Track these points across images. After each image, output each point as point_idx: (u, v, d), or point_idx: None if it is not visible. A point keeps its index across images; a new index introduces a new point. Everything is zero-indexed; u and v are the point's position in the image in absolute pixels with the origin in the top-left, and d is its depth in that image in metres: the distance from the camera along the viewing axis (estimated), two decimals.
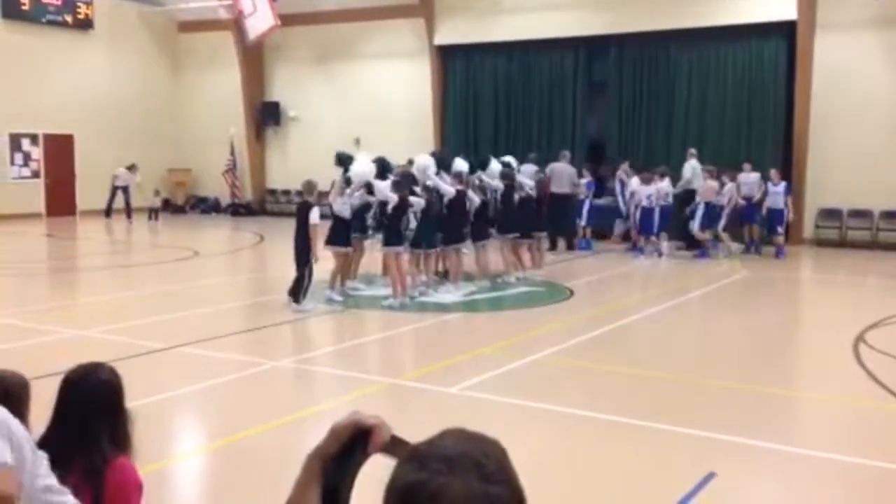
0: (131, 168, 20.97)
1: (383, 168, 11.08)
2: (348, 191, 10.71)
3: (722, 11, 16.97)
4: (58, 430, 2.62)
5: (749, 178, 15.37)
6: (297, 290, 9.74)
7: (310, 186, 10.03)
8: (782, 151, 16.82)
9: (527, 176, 13.18)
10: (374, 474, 1.18)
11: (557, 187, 15.02)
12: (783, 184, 14.99)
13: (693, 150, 16.16)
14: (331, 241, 10.58)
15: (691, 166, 15.79)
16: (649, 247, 15.37)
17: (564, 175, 15.54)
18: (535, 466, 4.99)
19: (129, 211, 20.91)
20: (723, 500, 4.84)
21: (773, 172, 15.13)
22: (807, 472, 5.24)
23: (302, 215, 9.79)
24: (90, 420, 2.60)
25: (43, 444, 2.63)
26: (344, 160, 11.08)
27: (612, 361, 7.87)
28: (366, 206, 11.02)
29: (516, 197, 12.25)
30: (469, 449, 1.03)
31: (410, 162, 11.99)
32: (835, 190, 16.38)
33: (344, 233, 10.57)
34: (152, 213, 20.82)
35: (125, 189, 20.97)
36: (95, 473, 2.53)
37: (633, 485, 5.03)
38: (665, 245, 15.27)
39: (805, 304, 12.29)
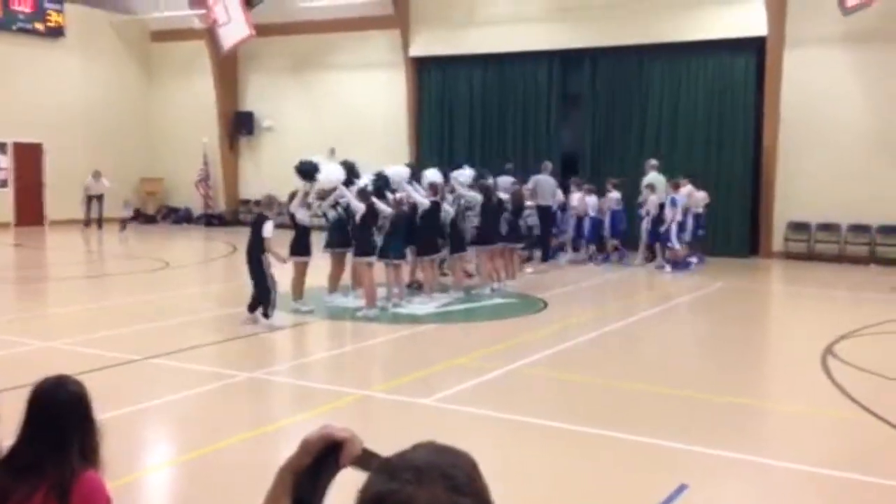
0: (96, 175, 20.66)
1: (350, 173, 11.03)
2: (317, 199, 10.66)
3: (693, 27, 17.20)
4: (25, 443, 2.58)
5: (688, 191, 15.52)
6: (265, 306, 9.54)
7: (270, 201, 9.91)
8: (752, 165, 17.07)
9: (502, 187, 13.22)
10: (346, 487, 1.18)
11: (542, 199, 15.02)
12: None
13: (654, 162, 16.28)
14: (292, 250, 10.52)
15: (653, 178, 16.01)
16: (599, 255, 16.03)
17: (547, 187, 15.56)
18: (507, 477, 4.99)
19: (99, 220, 20.68)
20: None
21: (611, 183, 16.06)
22: (777, 482, 5.29)
23: (256, 228, 9.64)
24: (58, 433, 2.56)
25: (10, 457, 2.59)
26: (306, 171, 10.71)
27: (585, 372, 7.91)
28: (344, 219, 10.96)
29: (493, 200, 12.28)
30: (438, 460, 1.04)
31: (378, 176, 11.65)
32: (803, 203, 16.62)
33: (304, 242, 10.51)
34: (122, 223, 20.56)
35: (99, 198, 20.73)
36: (63, 487, 2.49)
37: (604, 496, 5.05)
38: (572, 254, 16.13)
39: (775, 316, 12.43)
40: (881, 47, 15.93)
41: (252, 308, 9.68)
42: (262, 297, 9.53)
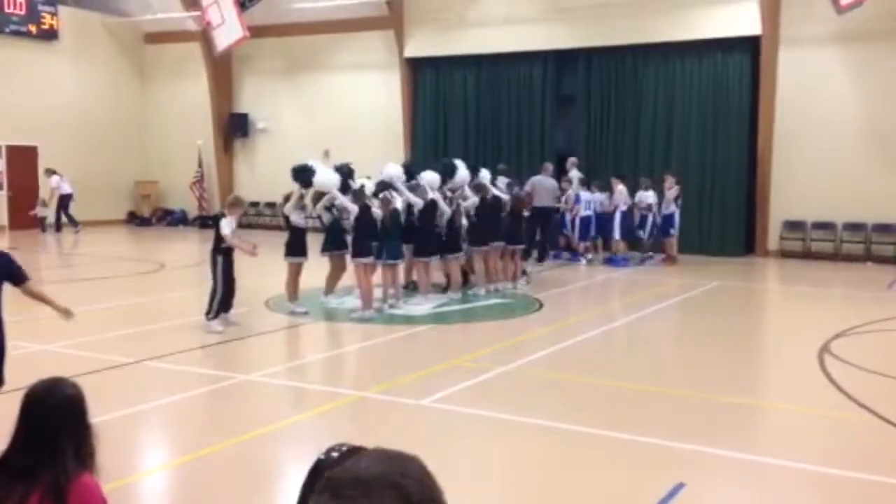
0: (47, 173, 20.37)
1: (346, 175, 11.00)
2: (313, 202, 10.63)
3: (688, 27, 17.21)
4: (20, 446, 2.56)
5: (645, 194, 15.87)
6: (210, 305, 9.32)
7: (234, 201, 9.83)
8: (747, 164, 17.09)
9: (500, 188, 13.18)
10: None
11: (539, 201, 14.98)
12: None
13: (573, 159, 16.69)
14: (287, 252, 10.50)
15: (574, 176, 16.26)
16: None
17: (548, 188, 15.52)
18: (504, 478, 4.99)
19: (69, 218, 20.56)
20: None
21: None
22: (774, 481, 5.29)
23: (216, 227, 9.55)
24: (54, 436, 2.54)
25: (4, 461, 2.58)
26: (301, 174, 10.61)
27: (581, 372, 7.90)
28: (340, 221, 10.93)
29: (487, 197, 12.23)
30: (386, 469, 0.98)
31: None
32: (799, 202, 16.66)
33: (299, 244, 10.48)
34: (41, 223, 20.37)
35: (71, 196, 20.64)
36: (59, 491, 2.48)
37: (602, 495, 5.04)
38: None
39: (770, 314, 12.45)
40: (875, 46, 15.97)
41: (224, 309, 9.54)
42: (210, 297, 9.35)
